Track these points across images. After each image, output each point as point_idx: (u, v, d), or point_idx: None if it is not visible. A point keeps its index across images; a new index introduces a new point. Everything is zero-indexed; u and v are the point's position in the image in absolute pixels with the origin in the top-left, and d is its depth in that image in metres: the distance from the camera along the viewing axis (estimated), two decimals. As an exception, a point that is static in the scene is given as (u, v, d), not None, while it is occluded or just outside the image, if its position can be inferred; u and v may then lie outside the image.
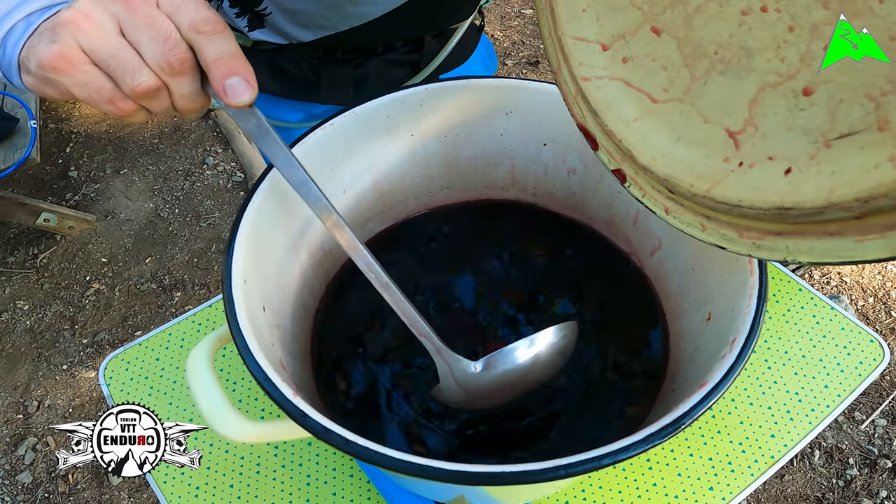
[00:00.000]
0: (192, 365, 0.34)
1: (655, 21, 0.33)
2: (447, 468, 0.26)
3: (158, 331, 0.80)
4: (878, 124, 0.25)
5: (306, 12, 0.68)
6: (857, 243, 0.27)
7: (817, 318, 0.68)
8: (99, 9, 0.31)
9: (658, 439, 0.27)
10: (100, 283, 1.89)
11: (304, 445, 0.65)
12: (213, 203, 2.13)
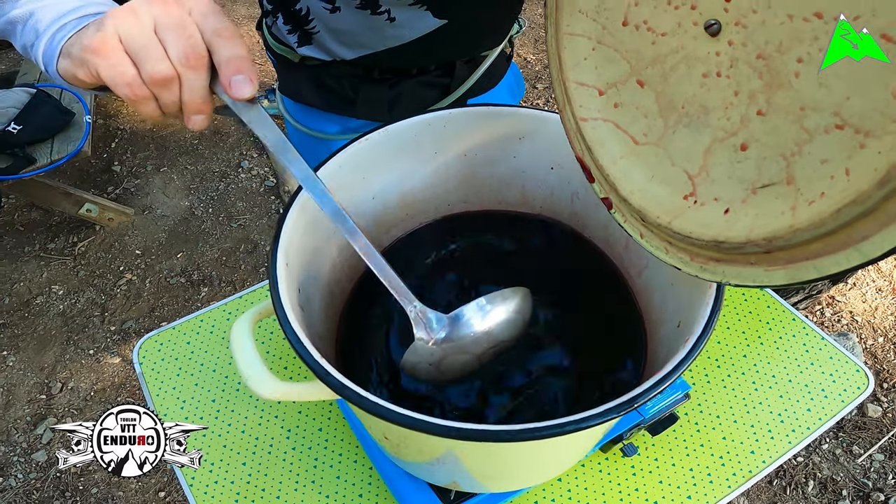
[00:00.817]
0: (235, 333, 0.40)
1: (640, 74, 0.40)
2: (433, 421, 0.31)
3: (192, 316, 0.86)
4: (787, 179, 0.31)
5: (349, 32, 0.75)
6: (766, 272, 0.33)
7: (807, 346, 0.72)
8: (144, 8, 0.37)
9: (611, 415, 0.32)
10: (132, 274, 1.99)
11: (315, 430, 0.71)
12: (245, 205, 2.23)
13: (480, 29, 0.82)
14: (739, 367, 0.70)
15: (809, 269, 0.32)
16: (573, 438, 0.40)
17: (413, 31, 0.74)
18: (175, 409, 0.76)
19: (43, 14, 0.44)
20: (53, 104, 1.93)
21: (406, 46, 0.76)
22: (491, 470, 0.45)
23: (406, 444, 0.42)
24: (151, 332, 0.85)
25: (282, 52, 0.84)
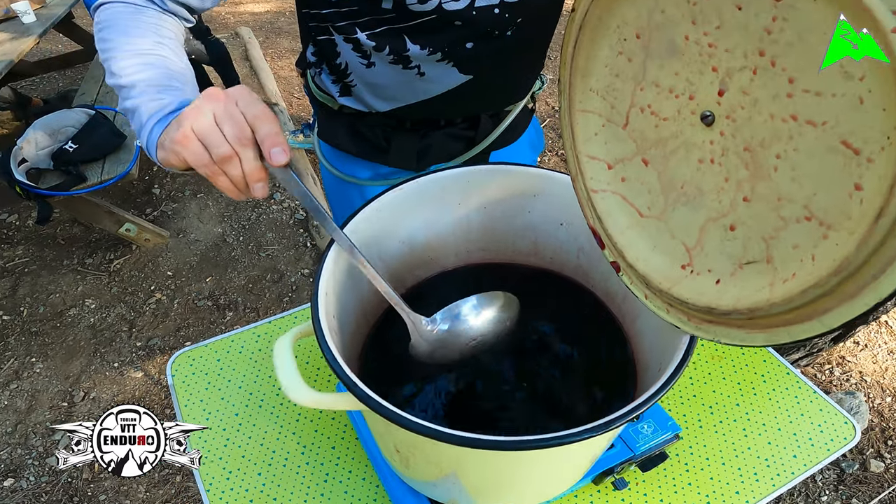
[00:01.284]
0: (278, 349, 0.47)
1: (645, 154, 0.46)
2: (440, 430, 0.37)
3: (223, 336, 0.93)
4: (767, 259, 0.37)
5: (383, 85, 0.84)
6: (748, 334, 0.39)
7: (798, 398, 0.76)
8: (206, 106, 0.49)
9: (591, 433, 0.38)
10: (162, 294, 2.08)
11: (329, 448, 0.76)
12: (275, 236, 2.32)
13: (504, 85, 0.89)
14: (731, 415, 0.74)
15: (783, 335, 0.37)
16: (566, 452, 0.46)
17: (441, 85, 0.82)
18: (201, 419, 0.82)
19: (143, 110, 0.57)
20: (108, 126, 2.07)
21: (435, 100, 0.84)
22: (489, 485, 0.50)
23: (414, 455, 0.47)
24: (185, 348, 0.91)
25: (323, 99, 0.93)
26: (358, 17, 0.75)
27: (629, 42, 0.44)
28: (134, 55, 0.62)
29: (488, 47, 0.78)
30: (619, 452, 0.62)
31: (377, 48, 0.78)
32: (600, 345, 0.63)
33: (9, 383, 1.81)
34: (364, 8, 0.73)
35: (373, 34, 0.76)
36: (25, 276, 2.21)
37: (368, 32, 0.76)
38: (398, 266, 0.67)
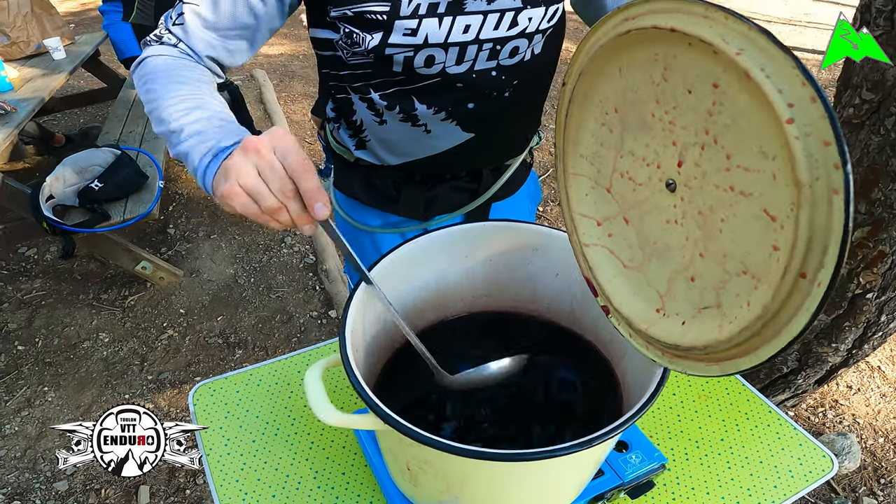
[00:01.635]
0: (308, 377, 0.54)
1: (626, 213, 0.55)
2: (452, 444, 0.44)
3: (242, 371, 1.00)
4: (717, 305, 0.46)
5: (393, 141, 0.92)
6: (707, 366, 0.47)
7: (779, 434, 0.82)
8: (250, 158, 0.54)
9: (582, 447, 0.44)
10: (174, 331, 2.15)
11: (339, 474, 0.82)
12: (285, 278, 2.41)
13: (503, 142, 0.98)
14: (716, 449, 0.80)
15: (730, 367, 0.45)
16: (560, 466, 0.52)
17: (446, 142, 0.91)
18: (220, 445, 0.88)
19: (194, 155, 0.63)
20: (132, 166, 2.18)
21: (440, 155, 0.93)
22: (497, 501, 0.57)
23: (424, 471, 0.54)
24: (206, 380, 0.98)
25: (340, 151, 1.02)
26: (371, 78, 0.84)
27: (610, 115, 0.53)
28: (178, 101, 0.68)
29: (488, 107, 0.87)
30: (609, 479, 0.68)
31: (388, 107, 0.86)
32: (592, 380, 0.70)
33: (20, 410, 1.86)
34: (377, 71, 0.82)
35: (385, 94, 0.85)
36: (42, 309, 2.29)
37: (381, 93, 0.85)
38: (411, 309, 0.75)
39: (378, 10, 0.74)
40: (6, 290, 2.42)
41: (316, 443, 0.87)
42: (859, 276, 1.27)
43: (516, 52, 0.83)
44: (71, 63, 3.01)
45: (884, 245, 1.22)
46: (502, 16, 0.78)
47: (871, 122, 1.19)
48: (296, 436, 0.88)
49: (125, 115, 3.17)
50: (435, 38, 0.78)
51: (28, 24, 3.18)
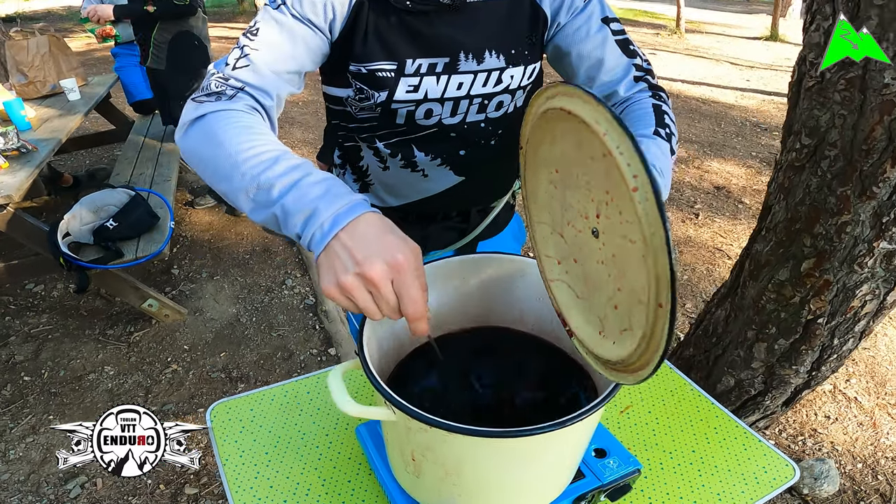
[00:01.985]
0: (331, 377, 0.63)
1: (575, 255, 0.65)
2: (452, 424, 0.53)
3: (256, 391, 1.08)
4: (630, 327, 0.56)
5: (395, 185, 1.04)
6: (625, 377, 0.58)
7: (746, 446, 0.90)
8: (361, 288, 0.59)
9: (555, 427, 0.54)
10: (178, 365, 2.21)
11: (345, 482, 0.89)
12: (286, 318, 2.49)
13: (490, 184, 1.10)
14: (688, 459, 0.89)
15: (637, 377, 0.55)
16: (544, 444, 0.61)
17: (440, 185, 1.03)
18: (235, 456, 0.96)
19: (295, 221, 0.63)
20: (145, 207, 2.29)
21: (434, 197, 1.05)
22: (483, 487, 0.65)
23: (426, 457, 0.62)
24: (223, 399, 1.06)
25: None
26: (377, 130, 0.96)
27: (553, 175, 0.65)
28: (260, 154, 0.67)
29: (477, 154, 1.00)
30: (590, 481, 0.77)
31: (391, 154, 0.99)
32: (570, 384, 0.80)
33: (25, 437, 1.91)
34: (382, 123, 0.94)
35: (388, 143, 0.97)
36: (49, 342, 2.36)
37: (385, 142, 0.97)
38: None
39: (387, 68, 0.87)
40: (14, 323, 2.50)
41: (324, 454, 0.95)
42: (810, 304, 1.39)
43: (501, 106, 0.96)
44: (85, 105, 3.13)
45: (828, 274, 1.34)
46: (489, 75, 0.91)
47: (810, 165, 1.33)
48: (305, 448, 0.96)
49: (135, 157, 3.30)
50: (433, 94, 0.90)
51: (45, 65, 3.30)
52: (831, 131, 1.25)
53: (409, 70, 0.88)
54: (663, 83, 6.61)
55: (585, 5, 0.91)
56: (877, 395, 2.12)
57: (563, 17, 0.91)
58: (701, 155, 4.39)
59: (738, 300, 1.57)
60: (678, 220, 3.36)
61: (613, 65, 0.91)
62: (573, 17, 0.91)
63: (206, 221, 3.24)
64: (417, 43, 0.87)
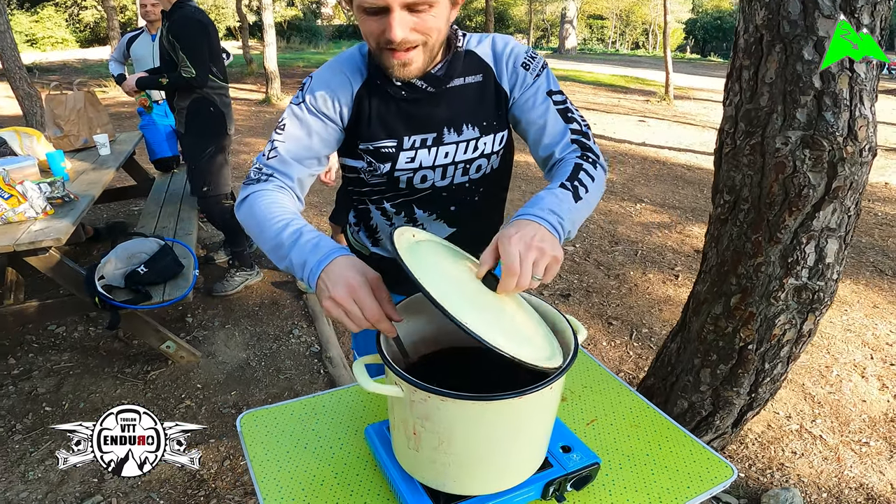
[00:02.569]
0: (356, 365, 0.82)
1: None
2: (448, 391, 0.72)
3: (281, 404, 1.26)
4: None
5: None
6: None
7: (692, 451, 1.06)
8: (337, 309, 0.82)
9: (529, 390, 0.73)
10: (191, 401, 2.37)
11: (355, 475, 1.06)
12: (293, 364, 2.66)
13: (478, 232, 1.27)
14: (643, 461, 1.05)
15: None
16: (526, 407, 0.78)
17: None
18: (261, 454, 1.12)
19: (296, 268, 0.91)
20: (172, 256, 2.51)
21: None
22: (472, 454, 0.82)
23: (424, 428, 0.80)
24: (251, 409, 1.24)
25: (358, 248, 1.35)
26: (385, 193, 1.18)
27: None
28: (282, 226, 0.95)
29: (465, 209, 1.21)
30: (556, 470, 0.94)
31: (396, 213, 1.21)
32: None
33: (44, 460, 2.05)
34: (388, 187, 1.17)
35: (394, 203, 1.20)
36: (69, 378, 2.52)
37: (391, 203, 1.20)
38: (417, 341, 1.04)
39: (389, 145, 1.11)
40: (37, 360, 2.66)
41: (336, 453, 1.12)
42: (740, 332, 1.61)
43: (480, 168, 1.17)
44: (115, 160, 3.34)
45: (752, 307, 1.57)
46: (468, 144, 1.12)
47: (731, 217, 1.59)
48: (320, 448, 1.13)
49: (157, 211, 3.54)
50: (426, 163, 1.13)
51: (80, 119, 3.52)
52: (744, 189, 1.53)
53: (406, 146, 1.11)
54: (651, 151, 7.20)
55: (534, 81, 1.11)
56: (841, 433, 2.27)
57: (517, 92, 1.12)
58: (683, 220, 4.66)
59: (686, 333, 1.80)
60: (659, 281, 3.58)
61: (553, 130, 1.10)
62: (524, 92, 1.11)
63: (219, 275, 3.45)
64: (411, 123, 1.10)
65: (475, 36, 1.15)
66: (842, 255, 1.49)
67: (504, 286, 0.82)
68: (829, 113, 1.34)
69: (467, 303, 0.79)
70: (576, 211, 0.96)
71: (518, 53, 1.11)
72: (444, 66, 1.07)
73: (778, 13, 1.35)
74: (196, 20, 2.89)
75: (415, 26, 0.94)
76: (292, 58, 19.05)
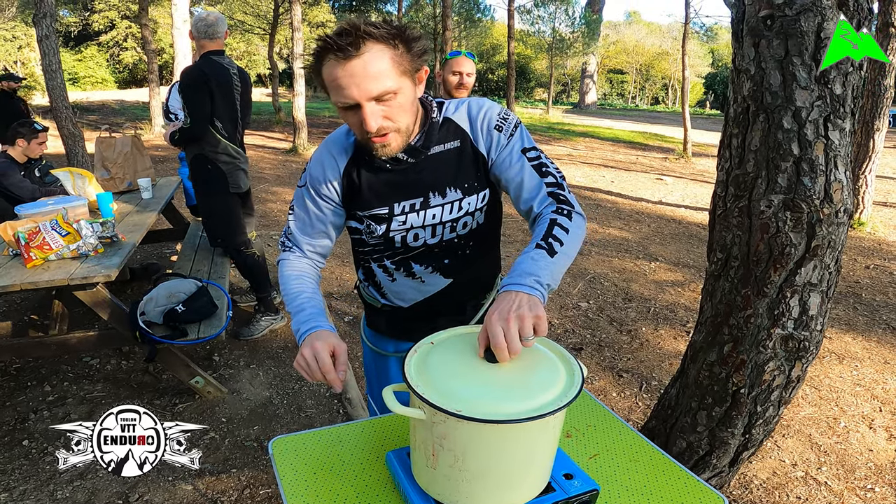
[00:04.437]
0: (385, 391, 0.96)
1: None
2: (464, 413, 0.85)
3: (309, 431, 1.38)
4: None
5: (401, 291, 1.37)
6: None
7: (687, 484, 1.15)
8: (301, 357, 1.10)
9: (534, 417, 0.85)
10: (215, 433, 2.49)
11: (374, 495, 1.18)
12: (313, 403, 2.78)
13: (473, 282, 1.39)
14: (641, 492, 1.14)
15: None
16: (532, 432, 0.91)
17: (435, 287, 1.35)
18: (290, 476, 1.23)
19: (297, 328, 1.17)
20: (208, 297, 2.68)
21: (432, 297, 1.37)
22: (484, 471, 0.94)
23: (442, 447, 0.92)
24: (281, 435, 1.36)
25: (370, 301, 1.47)
26: (384, 251, 1.32)
27: None
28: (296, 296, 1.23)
29: (457, 261, 1.32)
30: (559, 494, 1.05)
31: (396, 269, 1.34)
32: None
33: (73, 481, 2.17)
34: (386, 246, 1.30)
35: (393, 261, 1.33)
36: (101, 406, 2.66)
37: (390, 260, 1.33)
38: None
39: (382, 212, 1.24)
40: (71, 388, 2.82)
41: (359, 476, 1.24)
42: (733, 378, 1.71)
43: (466, 225, 1.28)
44: (157, 204, 3.54)
45: (743, 355, 1.68)
46: (453, 205, 1.23)
47: (723, 274, 1.72)
48: (344, 472, 1.24)
49: (192, 255, 3.73)
50: (417, 224, 1.25)
51: (126, 162, 3.71)
52: (734, 247, 1.66)
53: (397, 211, 1.24)
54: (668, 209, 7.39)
55: (508, 142, 1.20)
56: (846, 480, 2.31)
57: (494, 153, 1.22)
58: (696, 278, 4.74)
59: (685, 379, 1.91)
60: (670, 337, 3.66)
61: (529, 185, 1.18)
62: (499, 152, 1.21)
63: (245, 318, 3.61)
64: (398, 190, 1.23)
65: (453, 102, 1.26)
66: (825, 308, 1.60)
67: (501, 359, 0.94)
68: (806, 178, 1.48)
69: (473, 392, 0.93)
70: (553, 265, 1.04)
71: (491, 117, 1.21)
72: (420, 137, 1.19)
73: (761, 85, 1.50)
74: (200, 72, 2.91)
75: (385, 114, 1.07)
76: (319, 107, 19.75)
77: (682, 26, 11.08)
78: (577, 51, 17.83)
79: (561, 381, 0.99)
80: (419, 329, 1.29)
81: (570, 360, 1.05)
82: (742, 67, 1.56)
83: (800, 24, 1.41)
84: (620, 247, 5.62)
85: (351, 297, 4.14)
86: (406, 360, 1.03)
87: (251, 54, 25.48)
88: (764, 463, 2.41)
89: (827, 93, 1.44)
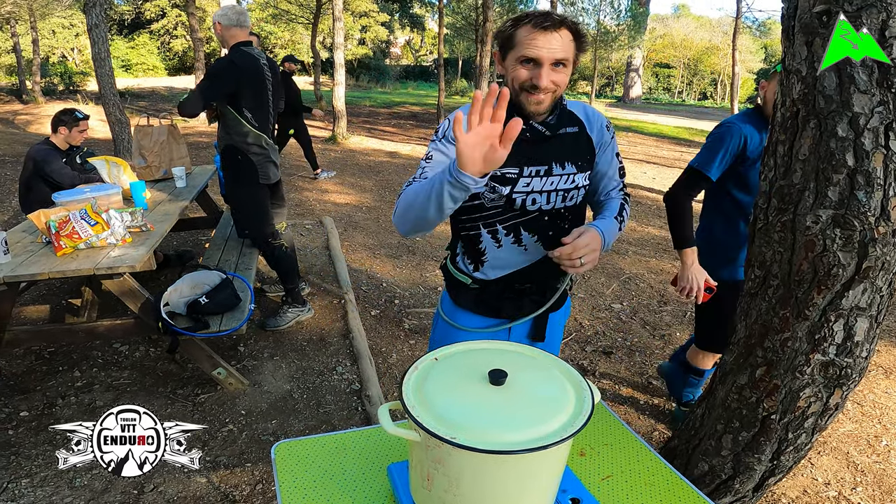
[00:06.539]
0: (381, 409, 0.91)
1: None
2: (459, 442, 0.79)
3: (314, 437, 1.35)
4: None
5: (502, 258, 1.44)
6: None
7: None
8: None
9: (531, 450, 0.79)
10: (234, 426, 2.50)
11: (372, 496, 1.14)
12: (333, 398, 2.77)
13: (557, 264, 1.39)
14: None
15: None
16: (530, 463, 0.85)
17: (534, 256, 1.44)
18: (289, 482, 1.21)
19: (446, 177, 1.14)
20: (232, 289, 2.68)
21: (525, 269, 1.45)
22: (481, 495, 0.88)
23: (437, 471, 0.87)
24: (285, 440, 1.34)
25: (461, 277, 1.51)
26: (500, 216, 1.42)
27: None
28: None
29: (558, 233, 1.41)
30: (560, 509, 1.00)
31: (506, 234, 1.43)
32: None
33: (91, 468, 2.19)
34: (505, 210, 1.41)
35: (505, 226, 1.42)
36: (126, 393, 2.70)
37: (503, 225, 1.42)
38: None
39: (512, 171, 1.37)
40: (99, 375, 2.87)
41: (359, 486, 1.20)
42: (764, 403, 1.60)
43: (573, 198, 1.43)
44: (190, 193, 3.56)
45: (777, 379, 1.56)
46: (568, 177, 1.41)
47: (760, 292, 1.61)
48: (345, 481, 1.21)
49: (222, 244, 3.76)
50: (537, 188, 1.39)
51: (162, 151, 3.74)
52: (773, 265, 1.54)
53: (525, 173, 1.38)
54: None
55: (611, 141, 1.48)
56: (881, 502, 2.18)
57: (599, 145, 1.46)
58: None
59: (711, 400, 1.80)
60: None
61: (613, 182, 1.50)
62: (603, 150, 1.47)
63: (273, 308, 3.62)
64: (530, 157, 1.38)
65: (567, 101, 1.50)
66: (872, 334, 1.47)
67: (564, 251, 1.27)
68: (861, 192, 1.34)
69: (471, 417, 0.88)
70: (616, 233, 1.40)
71: (602, 119, 1.49)
72: (555, 117, 1.41)
73: (814, 87, 1.37)
74: (230, 63, 2.92)
75: (554, 78, 1.29)
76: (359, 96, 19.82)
77: (733, 20, 10.68)
78: (622, 44, 17.40)
79: (569, 408, 0.92)
80: (507, 307, 1.51)
81: (580, 382, 0.98)
82: (792, 68, 1.44)
83: (861, 21, 1.28)
84: (659, 247, 5.46)
85: (379, 290, 4.11)
86: (405, 376, 0.98)
87: (295, 43, 25.78)
88: (795, 481, 2.28)
89: (890, 97, 1.29)
